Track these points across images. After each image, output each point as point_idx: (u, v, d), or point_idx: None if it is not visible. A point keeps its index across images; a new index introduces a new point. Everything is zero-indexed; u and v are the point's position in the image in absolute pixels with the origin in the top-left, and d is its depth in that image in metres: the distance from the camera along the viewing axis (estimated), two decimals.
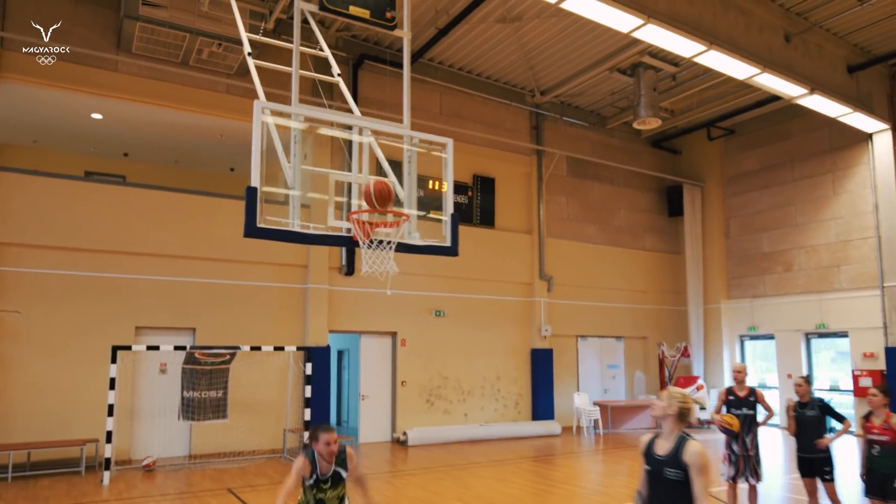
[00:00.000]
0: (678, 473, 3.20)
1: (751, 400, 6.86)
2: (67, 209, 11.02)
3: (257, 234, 4.93)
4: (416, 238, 5.73)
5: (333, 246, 7.86)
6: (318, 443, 4.16)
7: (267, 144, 5.34)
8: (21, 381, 10.31)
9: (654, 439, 3.44)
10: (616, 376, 17.07)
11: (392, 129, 5.83)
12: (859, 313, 14.58)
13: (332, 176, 5.52)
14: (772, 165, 16.83)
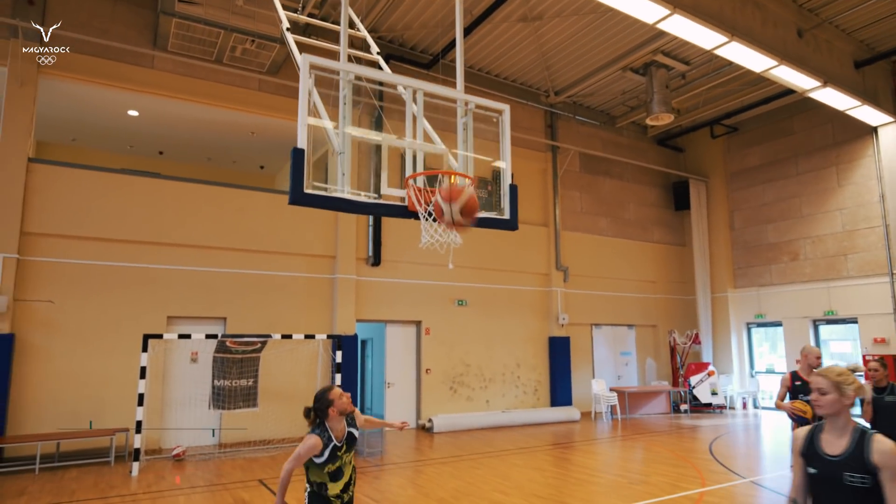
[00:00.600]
0: (864, 479, 2.23)
1: None
2: (102, 201, 10.11)
3: (304, 200, 3.94)
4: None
5: (386, 216, 6.80)
6: (333, 405, 3.49)
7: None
8: (53, 370, 9.37)
9: (815, 434, 2.46)
10: (628, 363, 16.04)
11: (446, 93, 4.87)
12: (868, 300, 13.57)
13: (386, 141, 4.49)
14: (775, 161, 15.84)
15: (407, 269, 12.76)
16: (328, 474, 3.45)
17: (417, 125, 4.67)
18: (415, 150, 4.61)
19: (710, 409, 14.89)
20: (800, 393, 5.68)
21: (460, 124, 4.90)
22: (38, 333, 9.39)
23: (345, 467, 3.51)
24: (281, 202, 11.83)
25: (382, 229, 12.52)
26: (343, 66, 4.43)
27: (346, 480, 3.54)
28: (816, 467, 2.40)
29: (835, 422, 2.38)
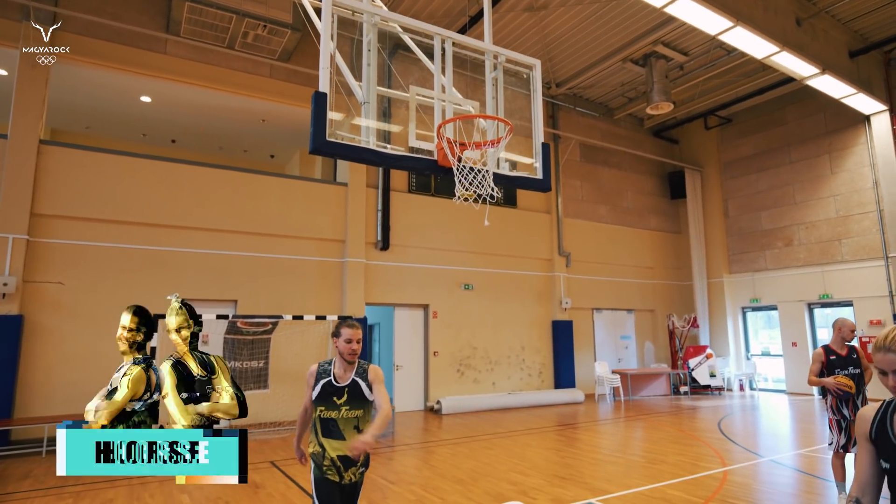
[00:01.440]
0: None
1: (854, 357, 5.08)
2: (113, 184, 9.39)
3: (326, 148, 3.27)
4: (505, 168, 4.02)
5: (415, 170, 6.11)
6: (339, 338, 3.01)
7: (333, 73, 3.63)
8: (62, 352, 8.64)
9: (886, 414, 1.69)
10: (628, 346, 15.43)
11: (476, 44, 4.19)
12: (863, 283, 12.98)
13: (413, 93, 3.82)
14: (768, 150, 15.22)
15: (415, 253, 12.09)
16: (319, 421, 2.90)
17: (447, 76, 3.99)
18: (443, 105, 3.93)
19: (708, 390, 14.29)
20: (836, 367, 5.07)
21: (489, 79, 4.22)
22: (47, 315, 8.68)
23: (342, 424, 2.91)
24: (292, 187, 11.13)
25: (391, 214, 11.85)
26: (367, 7, 3.75)
27: (339, 442, 2.91)
28: (892, 460, 1.66)
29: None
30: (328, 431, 2.88)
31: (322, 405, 2.93)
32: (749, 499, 5.44)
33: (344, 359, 2.98)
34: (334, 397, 2.92)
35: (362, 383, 3.00)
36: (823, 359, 5.18)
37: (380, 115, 3.76)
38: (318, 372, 2.99)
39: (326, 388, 2.94)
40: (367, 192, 11.65)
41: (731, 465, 6.83)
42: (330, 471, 2.89)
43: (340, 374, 2.98)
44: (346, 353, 2.95)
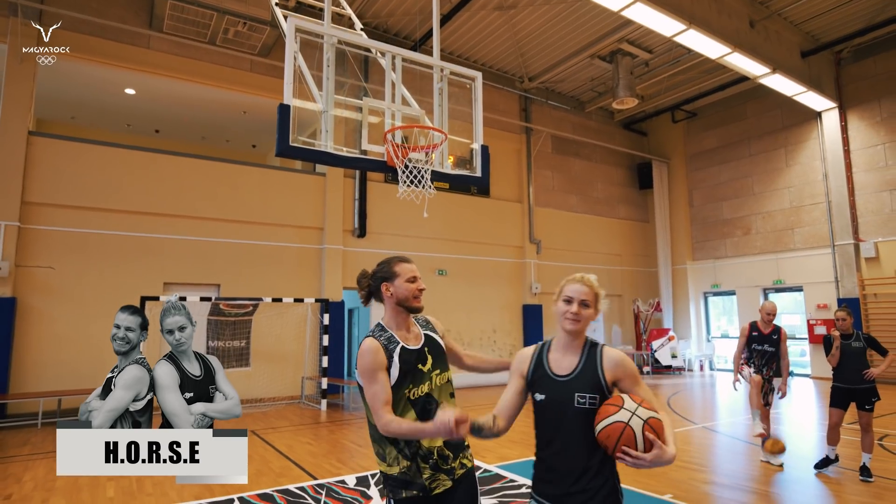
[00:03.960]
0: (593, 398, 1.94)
1: (774, 338, 5.76)
2: (100, 173, 9.93)
3: (290, 152, 3.92)
4: (447, 167, 4.71)
5: (366, 169, 6.69)
6: (394, 281, 2.20)
7: (296, 76, 4.27)
8: (53, 333, 9.23)
9: (542, 353, 2.06)
10: (596, 329, 16.26)
11: (424, 59, 4.84)
12: (812, 269, 13.90)
13: (366, 103, 4.48)
14: (730, 143, 16.04)
15: (391, 240, 12.75)
16: (413, 405, 2.08)
17: (396, 90, 4.65)
18: (394, 112, 4.59)
19: (670, 370, 15.20)
20: (755, 343, 5.84)
21: (436, 89, 4.89)
22: (38, 298, 9.25)
23: (439, 395, 2.16)
24: (272, 177, 11.71)
25: (367, 203, 12.48)
26: (326, 30, 4.38)
27: None
28: (547, 391, 2.02)
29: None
30: (426, 414, 2.08)
31: (408, 384, 2.10)
32: None
33: (407, 307, 2.19)
34: (419, 365, 2.14)
35: (436, 336, 2.28)
36: (747, 334, 5.92)
37: (338, 122, 4.41)
38: (382, 344, 2.12)
39: (406, 358, 2.11)
40: (344, 181, 12.26)
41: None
42: (437, 478, 2.07)
43: (405, 334, 2.20)
44: (411, 297, 2.18)
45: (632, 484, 5.02)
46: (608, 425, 1.81)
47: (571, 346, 2.01)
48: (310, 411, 9.79)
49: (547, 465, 1.94)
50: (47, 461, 6.24)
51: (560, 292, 2.05)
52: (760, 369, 5.79)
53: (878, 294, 12.70)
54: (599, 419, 1.84)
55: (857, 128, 13.42)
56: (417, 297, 2.22)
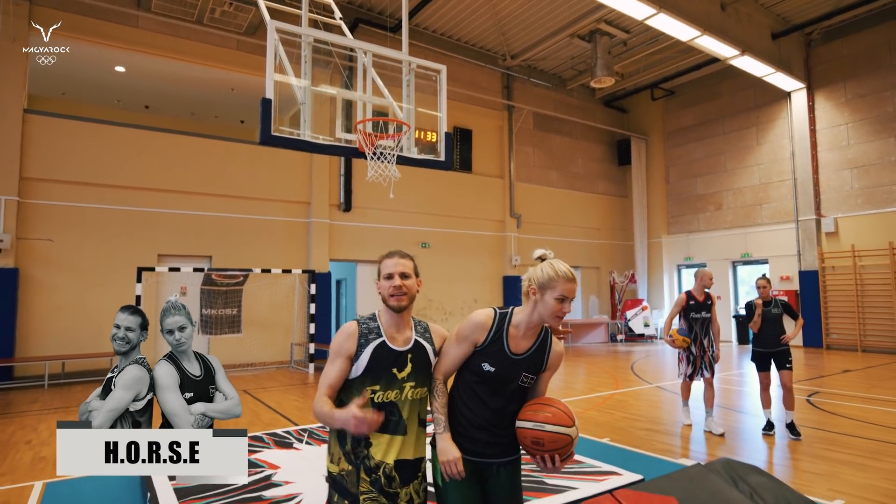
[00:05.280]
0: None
1: (708, 304, 6.05)
2: (94, 150, 10.41)
3: (272, 141, 4.51)
4: (413, 153, 5.32)
5: (341, 155, 7.32)
6: (378, 278, 2.09)
7: (278, 69, 4.83)
8: (54, 301, 9.86)
9: (503, 326, 2.06)
10: (573, 300, 17.05)
11: (392, 54, 5.40)
12: (777, 243, 14.67)
13: (340, 94, 5.05)
14: (706, 121, 16.62)
15: (375, 214, 13.35)
16: (375, 409, 1.90)
17: (367, 80, 5.22)
18: (365, 102, 5.18)
19: (642, 338, 16.07)
20: (692, 311, 6.04)
21: (404, 82, 5.45)
22: (39, 268, 9.83)
23: (406, 410, 1.97)
24: (260, 153, 12.22)
25: (353, 178, 13.03)
26: (304, 31, 4.93)
27: (400, 439, 1.96)
28: (498, 366, 2.08)
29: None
30: (385, 424, 1.91)
31: (373, 383, 1.94)
32: (619, 408, 7.03)
33: (389, 306, 2.01)
34: (393, 369, 1.96)
35: (428, 347, 2.07)
36: (684, 303, 6.11)
37: (325, 113, 5.00)
38: (360, 331, 1.99)
39: (380, 355, 1.95)
40: (330, 158, 12.78)
41: (622, 388, 8.46)
42: (375, 498, 1.90)
43: (394, 333, 2.03)
44: (387, 294, 2.01)
45: None
46: (560, 434, 1.89)
47: (534, 330, 2.07)
48: (298, 374, 10.53)
49: (470, 422, 2.03)
50: (58, 415, 6.93)
51: (552, 287, 1.99)
52: (702, 339, 6.01)
53: (836, 267, 13.50)
54: (553, 422, 1.90)
55: (824, 108, 14.04)
56: (394, 295, 1.98)
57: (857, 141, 13.42)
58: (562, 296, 1.98)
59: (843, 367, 10.59)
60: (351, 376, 1.97)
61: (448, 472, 1.92)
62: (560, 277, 1.99)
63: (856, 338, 13.01)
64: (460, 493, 1.99)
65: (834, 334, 13.48)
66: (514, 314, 2.08)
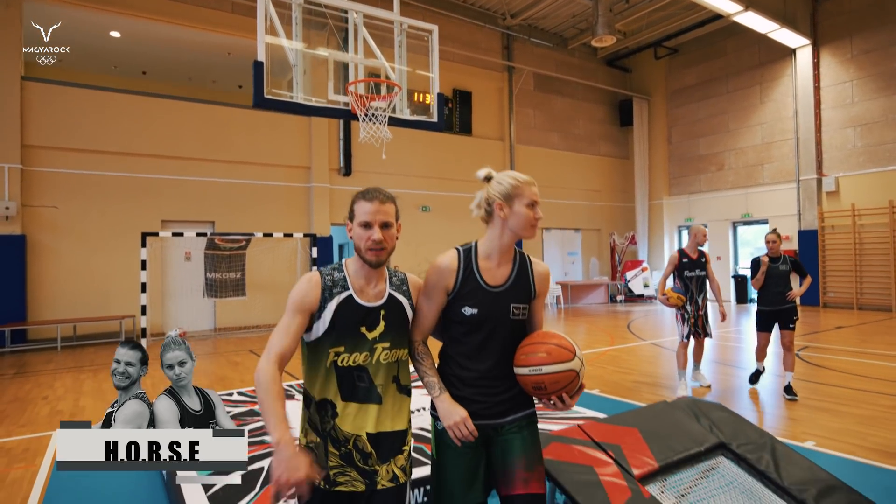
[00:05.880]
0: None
1: (702, 262, 5.90)
2: (93, 117, 10.51)
3: (265, 104, 4.60)
4: (406, 114, 5.40)
5: (333, 117, 7.42)
6: (352, 221, 1.74)
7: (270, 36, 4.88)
8: (62, 267, 10.12)
9: (469, 261, 1.84)
10: (574, 262, 17.25)
11: (384, 15, 5.41)
12: (778, 203, 14.70)
13: (332, 56, 5.11)
14: (709, 80, 16.42)
15: (376, 178, 13.42)
16: (337, 373, 1.68)
17: (359, 42, 5.27)
18: (357, 63, 5.24)
19: (641, 299, 16.29)
20: (685, 269, 5.88)
21: (396, 42, 5.49)
22: (46, 235, 10.05)
23: (378, 375, 1.71)
24: (259, 118, 12.25)
25: (352, 142, 13.07)
26: None
27: (375, 408, 1.70)
28: (480, 304, 1.84)
29: None
30: (351, 391, 1.68)
31: (337, 344, 1.68)
32: (612, 363, 7.27)
33: (365, 260, 1.71)
34: (362, 327, 1.69)
35: (405, 302, 1.80)
36: (677, 261, 5.93)
37: (322, 75, 5.07)
38: (323, 283, 1.71)
39: (346, 312, 1.69)
40: (328, 121, 12.80)
41: (616, 345, 8.70)
42: (347, 473, 1.67)
43: (363, 285, 1.74)
44: (362, 246, 1.70)
45: None
46: (560, 372, 1.68)
47: (506, 255, 1.84)
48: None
49: (467, 382, 1.77)
50: (72, 374, 7.24)
51: (519, 194, 1.80)
52: (696, 298, 5.85)
53: (836, 226, 13.56)
54: (550, 361, 1.69)
55: (829, 65, 13.84)
56: (372, 249, 1.67)
57: (861, 98, 13.28)
58: (531, 200, 1.81)
59: (836, 324, 10.79)
60: (311, 338, 1.67)
61: (459, 435, 1.66)
62: (523, 182, 1.82)
63: (852, 296, 13.17)
64: (460, 466, 1.74)
65: (831, 293, 13.64)
66: (479, 246, 1.85)
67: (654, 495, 2.12)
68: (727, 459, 2.46)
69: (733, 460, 2.45)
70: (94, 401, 5.80)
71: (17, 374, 7.30)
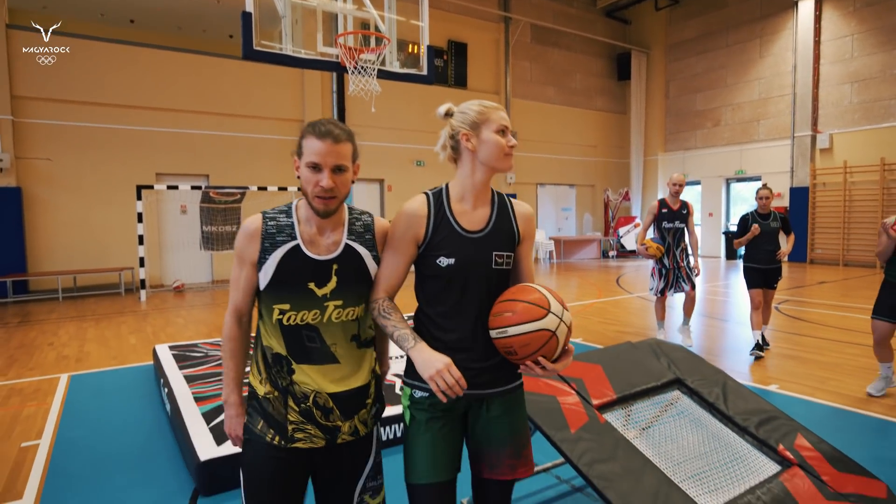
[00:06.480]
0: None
1: (683, 213, 5.64)
2: (82, 66, 10.40)
3: (254, 56, 4.66)
4: (395, 66, 5.45)
5: (323, 70, 7.43)
6: (300, 159, 1.49)
7: None
8: (59, 219, 10.26)
9: (440, 204, 1.60)
10: (568, 217, 17.42)
11: None
12: (772, 160, 14.78)
13: (320, 6, 5.12)
14: (709, 33, 16.19)
15: (370, 132, 13.40)
16: (284, 333, 1.51)
17: None
18: (346, 14, 5.26)
19: (633, 254, 16.55)
20: (664, 220, 5.65)
21: None
22: (41, 188, 10.14)
23: (329, 335, 1.52)
24: (250, 69, 12.13)
25: (346, 96, 12.99)
26: None
27: (333, 367, 1.53)
28: (456, 253, 1.58)
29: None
30: (302, 351, 1.52)
31: (283, 299, 1.50)
32: (597, 314, 7.55)
33: (313, 208, 1.49)
34: (310, 283, 1.50)
35: (365, 253, 1.59)
36: (656, 211, 5.69)
37: (313, 26, 5.09)
38: (265, 230, 1.51)
39: (291, 265, 1.50)
40: (321, 74, 12.68)
41: (603, 297, 8.98)
42: (305, 429, 1.52)
43: (314, 234, 1.54)
44: (310, 193, 1.47)
45: None
46: (529, 333, 1.43)
47: (483, 195, 1.62)
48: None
49: (447, 346, 1.53)
50: (75, 322, 7.50)
51: (486, 120, 1.57)
52: (674, 251, 5.66)
53: (827, 183, 13.69)
54: (516, 321, 1.44)
55: (831, 18, 13.66)
56: (320, 196, 1.45)
57: (860, 53, 13.17)
58: (500, 126, 1.57)
59: (820, 279, 11.08)
60: (259, 288, 1.51)
61: (443, 386, 1.38)
62: (489, 108, 1.59)
63: (839, 252, 13.44)
64: (434, 441, 1.53)
65: (819, 249, 13.89)
66: (450, 188, 1.61)
67: (614, 425, 2.36)
68: (682, 393, 2.70)
69: (687, 394, 2.69)
70: (99, 347, 6.06)
71: (21, 323, 7.55)
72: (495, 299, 1.54)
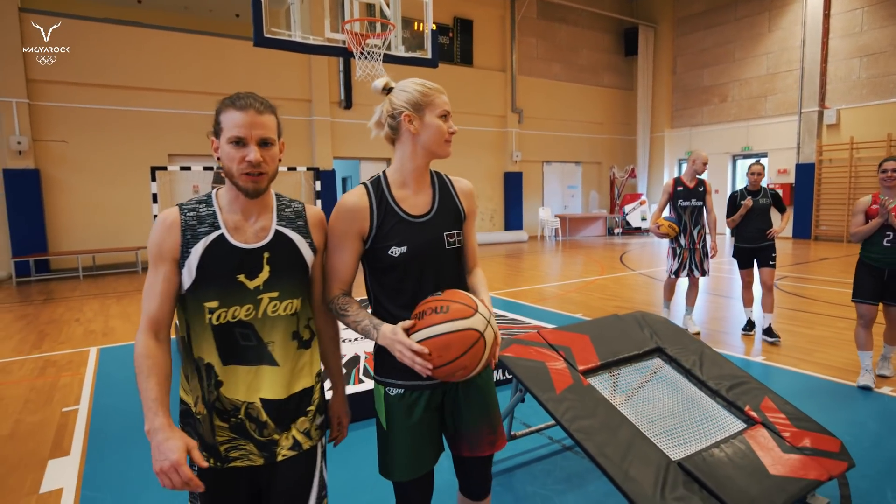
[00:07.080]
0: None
1: (700, 191, 5.37)
2: (94, 49, 10.63)
3: (264, 42, 4.87)
4: (401, 50, 5.64)
5: (331, 56, 7.58)
6: (218, 137, 1.37)
7: None
8: (76, 200, 10.60)
9: (379, 191, 1.59)
10: (574, 195, 17.57)
11: None
12: (778, 136, 14.79)
13: None
14: (717, 6, 16.06)
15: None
16: (214, 333, 1.36)
17: None
18: (352, 1, 5.43)
19: (638, 232, 16.72)
20: (680, 199, 5.42)
21: None
22: (58, 169, 10.45)
23: (265, 331, 1.39)
24: (257, 50, 12.27)
25: (352, 75, 13.13)
26: None
27: (269, 370, 1.40)
28: (407, 242, 1.55)
29: None
30: (234, 352, 1.38)
31: (211, 296, 1.35)
32: (598, 290, 7.81)
33: (240, 188, 1.36)
34: (240, 275, 1.36)
35: (299, 240, 1.47)
36: (671, 190, 5.44)
37: (320, 11, 5.27)
38: (184, 222, 1.36)
39: (216, 256, 1.35)
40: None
41: (605, 275, 9.23)
42: (240, 446, 1.40)
43: (240, 221, 1.40)
44: (236, 171, 1.34)
45: (548, 305, 6.58)
46: (456, 332, 1.35)
47: (422, 179, 1.60)
48: None
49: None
50: (98, 299, 7.86)
51: (430, 103, 1.56)
52: (691, 230, 5.43)
53: (833, 159, 13.73)
54: (442, 319, 1.37)
55: None
56: (248, 173, 1.34)
57: (870, 27, 13.08)
58: (443, 111, 1.56)
59: (823, 256, 11.24)
60: (182, 290, 1.35)
61: (414, 357, 1.34)
62: (433, 90, 1.57)
63: (843, 229, 13.54)
64: (411, 436, 1.54)
65: (823, 226, 14.00)
66: (388, 175, 1.59)
67: (597, 388, 2.63)
68: (662, 361, 2.97)
69: (666, 361, 2.96)
70: (123, 322, 6.42)
71: (47, 300, 7.93)
72: (452, 279, 1.57)
